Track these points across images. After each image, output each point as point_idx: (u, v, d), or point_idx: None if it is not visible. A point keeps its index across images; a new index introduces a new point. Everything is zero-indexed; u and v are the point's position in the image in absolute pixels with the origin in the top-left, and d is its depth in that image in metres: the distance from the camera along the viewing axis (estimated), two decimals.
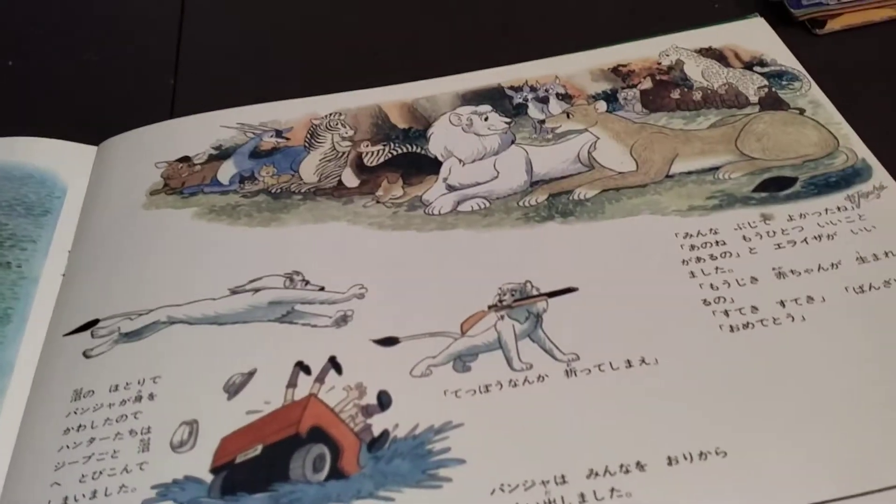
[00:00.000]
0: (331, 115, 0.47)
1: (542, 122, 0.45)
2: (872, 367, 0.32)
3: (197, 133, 0.46)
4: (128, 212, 0.42)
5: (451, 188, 0.42)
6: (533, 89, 0.47)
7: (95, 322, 0.37)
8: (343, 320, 0.36)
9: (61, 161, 0.45)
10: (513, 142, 0.44)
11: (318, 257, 0.39)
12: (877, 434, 0.30)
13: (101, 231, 0.41)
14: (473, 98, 0.47)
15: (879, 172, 0.39)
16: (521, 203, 0.40)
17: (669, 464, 0.29)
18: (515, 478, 0.29)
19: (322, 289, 0.37)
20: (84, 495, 0.30)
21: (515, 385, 0.33)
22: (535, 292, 0.36)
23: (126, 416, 0.33)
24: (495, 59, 0.49)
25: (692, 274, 0.36)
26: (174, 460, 0.31)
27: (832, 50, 0.47)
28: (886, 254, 0.36)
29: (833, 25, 0.48)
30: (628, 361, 0.33)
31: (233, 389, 0.34)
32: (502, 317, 0.35)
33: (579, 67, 0.47)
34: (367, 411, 0.32)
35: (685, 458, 0.29)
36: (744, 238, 0.37)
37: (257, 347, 0.35)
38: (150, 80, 0.52)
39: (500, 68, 0.48)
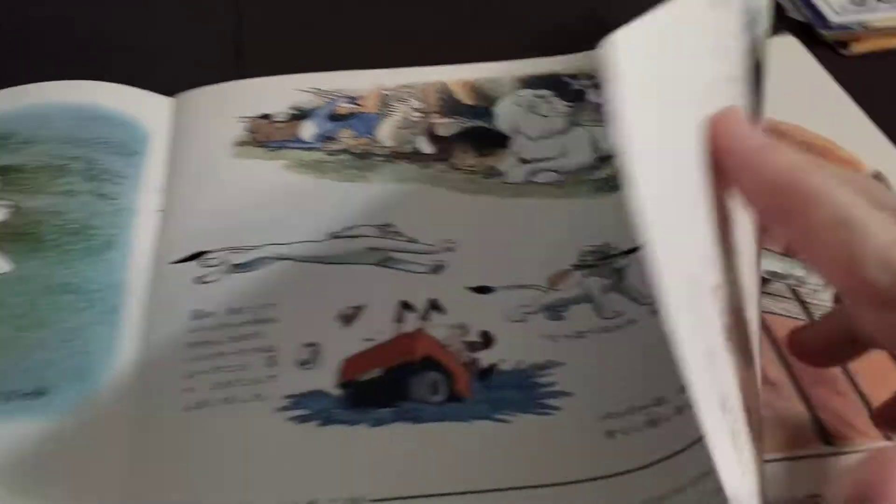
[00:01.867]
0: (400, 86, 0.49)
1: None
2: None
3: (274, 93, 0.48)
4: (218, 158, 0.44)
5: (522, 161, 0.45)
6: (590, 77, 0.50)
7: (202, 253, 0.38)
8: (439, 268, 0.38)
9: (142, 108, 0.46)
10: (576, 123, 0.47)
11: (405, 214, 0.41)
12: None
13: (193, 173, 0.43)
14: (534, 82, 0.50)
15: None
16: (591, 178, 0.44)
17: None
18: (621, 405, 0.32)
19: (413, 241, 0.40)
20: (218, 400, 0.32)
21: (608, 330, 0.36)
22: (614, 252, 0.39)
23: (248, 336, 0.34)
24: (546, 50, 0.52)
25: None
26: (301, 375, 0.33)
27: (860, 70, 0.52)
28: None
29: (857, 49, 0.53)
30: None
31: (345, 320, 0.36)
32: (587, 275, 0.38)
33: None
34: (473, 347, 0.35)
35: None
36: None
37: (362, 285, 0.37)
38: (214, 48, 0.54)
39: (556, 58, 0.52)
